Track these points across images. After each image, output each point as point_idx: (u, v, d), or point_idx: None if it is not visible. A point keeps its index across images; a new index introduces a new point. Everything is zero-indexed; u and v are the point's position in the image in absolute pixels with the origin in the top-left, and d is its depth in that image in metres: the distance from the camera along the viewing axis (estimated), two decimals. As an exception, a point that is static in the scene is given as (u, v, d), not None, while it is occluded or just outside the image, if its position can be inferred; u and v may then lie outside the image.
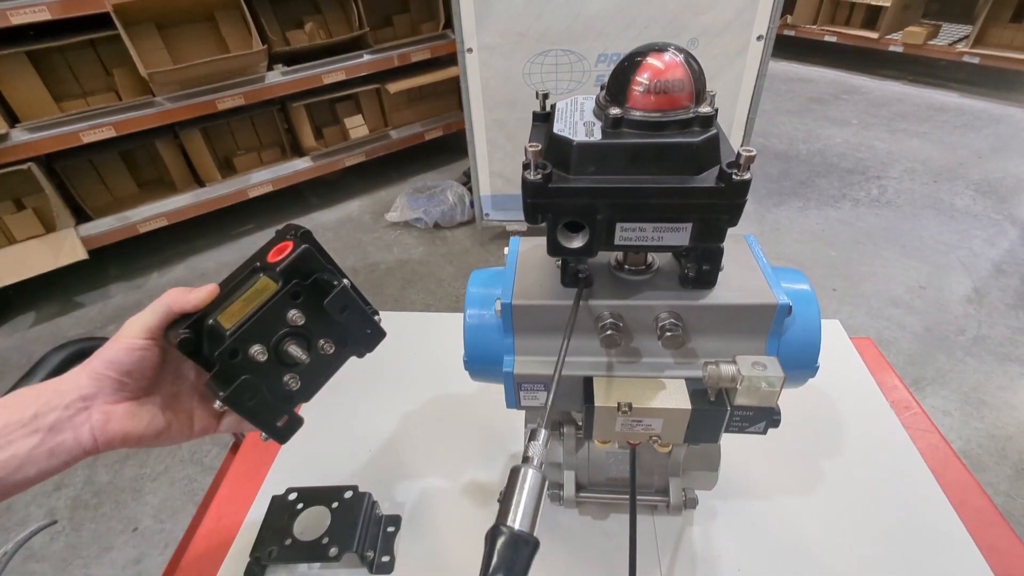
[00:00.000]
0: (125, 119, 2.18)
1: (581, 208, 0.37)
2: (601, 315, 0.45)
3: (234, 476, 0.74)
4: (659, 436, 0.46)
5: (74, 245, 2.23)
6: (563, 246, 0.40)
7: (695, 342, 0.46)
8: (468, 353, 0.50)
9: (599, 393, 0.45)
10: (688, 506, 0.60)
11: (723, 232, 0.38)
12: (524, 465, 0.37)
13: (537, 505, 0.35)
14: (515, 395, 0.49)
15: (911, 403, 0.81)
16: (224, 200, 2.55)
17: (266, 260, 0.46)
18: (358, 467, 0.73)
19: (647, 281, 0.47)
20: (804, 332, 0.46)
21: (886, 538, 0.64)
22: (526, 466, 0.36)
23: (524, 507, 0.35)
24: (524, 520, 0.34)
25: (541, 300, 0.46)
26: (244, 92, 2.37)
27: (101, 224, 2.35)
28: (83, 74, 2.21)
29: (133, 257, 2.55)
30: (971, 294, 2.10)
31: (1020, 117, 3.35)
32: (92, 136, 2.14)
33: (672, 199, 0.36)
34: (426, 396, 0.83)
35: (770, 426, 0.44)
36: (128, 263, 2.54)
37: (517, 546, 0.34)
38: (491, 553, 0.34)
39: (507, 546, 0.34)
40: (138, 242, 2.43)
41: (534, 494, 0.35)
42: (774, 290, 0.44)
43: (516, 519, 0.34)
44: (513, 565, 0.33)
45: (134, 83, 2.22)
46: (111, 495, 1.67)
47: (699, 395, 0.44)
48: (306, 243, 0.47)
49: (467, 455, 0.75)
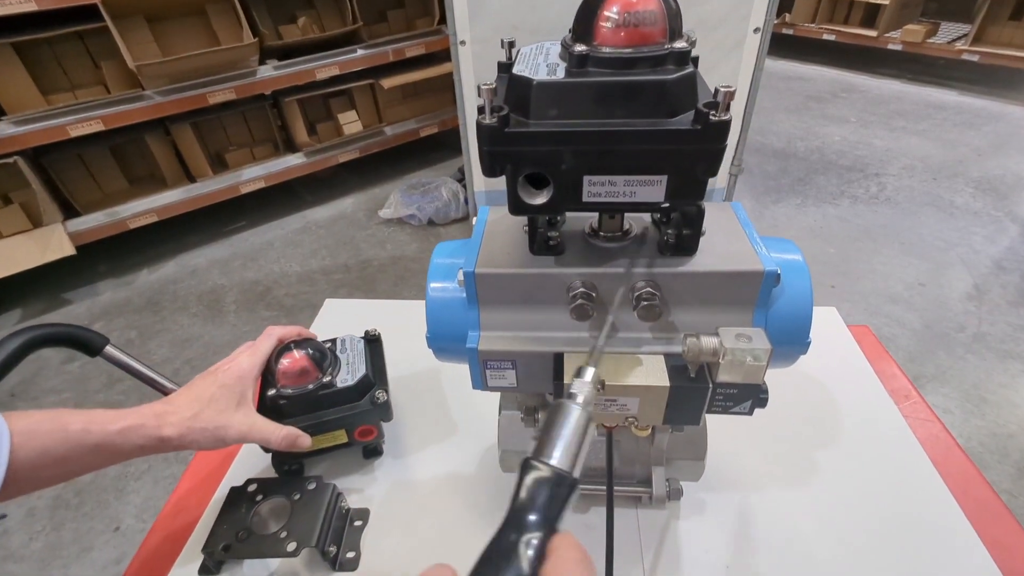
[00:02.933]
0: (114, 113, 2.14)
1: (542, 157, 0.33)
2: (572, 284, 0.41)
3: (197, 467, 0.70)
4: (636, 418, 0.42)
5: (61, 241, 2.20)
6: (525, 203, 0.36)
7: (675, 315, 0.42)
8: (431, 330, 0.46)
9: (570, 369, 0.41)
10: (672, 497, 0.56)
11: (702, 186, 0.35)
12: (568, 400, 0.33)
13: (580, 444, 0.32)
14: (481, 374, 0.45)
15: (911, 392, 0.78)
16: (215, 196, 2.52)
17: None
18: (326, 457, 0.69)
19: (623, 248, 0.43)
20: (794, 304, 0.42)
21: (885, 532, 0.59)
22: (570, 402, 0.33)
23: (566, 443, 0.31)
24: (564, 458, 0.30)
25: (508, 268, 0.42)
26: (235, 86, 2.34)
27: (90, 220, 2.31)
28: (71, 67, 2.18)
29: (123, 253, 2.52)
30: (971, 291, 2.07)
31: (1019, 115, 3.33)
32: (80, 130, 2.10)
33: (644, 144, 0.32)
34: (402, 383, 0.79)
35: (756, 405, 0.41)
36: (118, 259, 2.51)
37: (553, 484, 0.30)
38: (520, 486, 0.30)
39: (541, 483, 0.30)
40: (128, 238, 2.40)
41: (578, 432, 0.32)
42: (760, 257, 0.40)
43: (554, 455, 0.30)
44: (548, 504, 0.29)
45: (123, 76, 2.19)
46: (93, 494, 1.63)
47: (679, 372, 0.40)
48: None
49: (446, 446, 0.71)
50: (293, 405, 0.59)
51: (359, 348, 0.65)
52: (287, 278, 2.35)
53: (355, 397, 0.61)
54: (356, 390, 0.61)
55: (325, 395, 0.60)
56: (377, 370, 0.65)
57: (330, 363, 0.62)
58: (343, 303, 0.94)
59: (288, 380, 0.59)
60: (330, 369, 0.61)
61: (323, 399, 0.60)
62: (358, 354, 0.64)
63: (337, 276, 2.34)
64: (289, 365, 0.59)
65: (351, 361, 0.63)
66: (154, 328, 2.17)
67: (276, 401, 0.59)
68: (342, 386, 0.60)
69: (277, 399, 0.59)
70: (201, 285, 2.36)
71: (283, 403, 0.59)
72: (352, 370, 0.62)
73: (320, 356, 0.61)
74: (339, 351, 0.65)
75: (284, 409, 0.59)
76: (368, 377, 0.62)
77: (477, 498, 0.64)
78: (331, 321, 0.90)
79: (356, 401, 0.61)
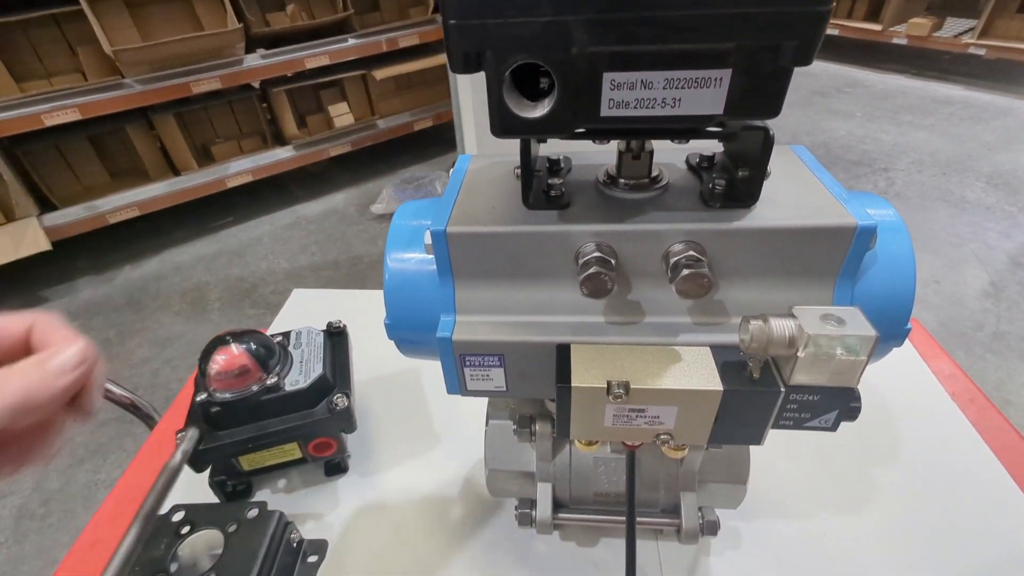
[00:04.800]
0: (91, 101, 2.04)
1: (541, 36, 0.22)
2: (583, 248, 0.29)
3: (125, 487, 0.58)
4: (671, 435, 0.30)
5: (36, 235, 2.10)
6: (515, 116, 0.24)
7: (725, 289, 0.30)
8: (390, 314, 0.34)
9: (579, 367, 0.29)
10: (707, 531, 0.44)
11: (781, 87, 0.23)
12: None
13: None
14: (458, 374, 0.33)
15: (975, 394, 0.66)
16: (201, 190, 2.42)
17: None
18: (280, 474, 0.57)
19: (652, 200, 0.31)
20: (891, 274, 0.30)
21: (967, 572, 0.48)
22: None
23: None
24: None
25: (492, 226, 0.30)
26: (221, 75, 2.23)
27: (68, 214, 2.21)
28: (46, 53, 2.08)
29: (104, 249, 2.43)
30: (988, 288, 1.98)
31: None
32: (55, 119, 2.00)
33: (704, 6, 0.21)
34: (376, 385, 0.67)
35: (844, 418, 0.29)
36: (99, 255, 2.41)
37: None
38: None
39: None
40: (110, 233, 2.32)
41: None
42: (848, 207, 0.28)
43: None
44: None
45: (101, 64, 2.08)
46: (61, 503, 1.53)
47: (734, 370, 0.28)
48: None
49: (426, 462, 0.59)
50: (229, 413, 0.47)
51: (318, 343, 0.53)
52: (274, 275, 2.25)
53: (308, 403, 0.49)
54: (310, 394, 0.49)
55: (270, 400, 0.48)
56: (339, 370, 0.53)
57: (279, 361, 0.50)
58: (314, 294, 0.82)
59: (223, 382, 0.47)
60: (278, 368, 0.49)
61: (267, 405, 0.48)
62: (315, 350, 0.52)
63: (327, 273, 2.23)
64: (225, 363, 0.47)
65: (306, 359, 0.51)
66: (134, 327, 2.07)
67: (207, 408, 0.47)
68: (291, 389, 0.48)
69: (208, 405, 0.47)
70: (185, 282, 2.26)
71: (216, 411, 0.47)
72: (306, 370, 0.50)
73: (265, 352, 0.49)
74: (292, 346, 0.53)
75: (217, 418, 0.47)
76: (325, 378, 0.50)
77: (461, 527, 0.52)
78: (300, 314, 0.79)
79: (310, 408, 0.49)
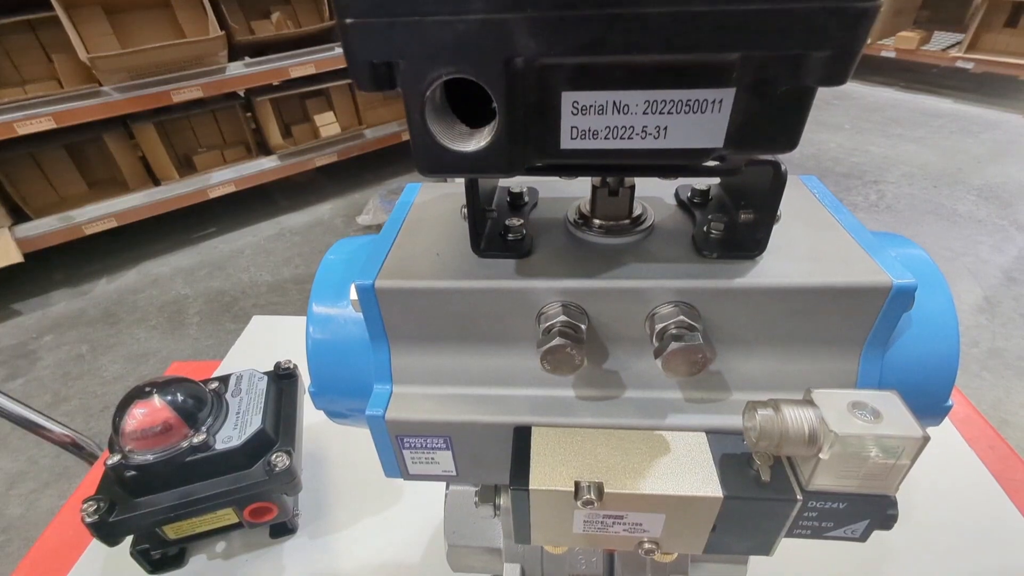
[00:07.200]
0: (67, 109, 1.97)
1: (473, 42, 0.15)
2: (545, 308, 0.23)
3: (37, 558, 0.50)
4: (657, 544, 0.24)
5: (7, 247, 2.02)
6: (446, 149, 0.17)
7: (725, 359, 0.24)
8: (314, 379, 0.28)
9: (540, 460, 0.23)
10: (703, 621, 0.37)
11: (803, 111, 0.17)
12: None
13: None
14: (396, 456, 0.27)
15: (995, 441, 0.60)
16: (181, 200, 2.35)
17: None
18: (217, 537, 0.50)
19: (633, 246, 0.25)
20: (930, 339, 0.24)
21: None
22: None
23: None
24: None
25: (432, 280, 0.24)
26: (202, 84, 2.17)
27: (41, 224, 2.14)
28: (21, 60, 2.02)
29: (80, 261, 2.36)
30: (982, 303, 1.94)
31: (1017, 122, 3.28)
32: (29, 127, 1.93)
33: (697, 5, 0.14)
34: (333, 431, 0.60)
35: (876, 527, 0.22)
36: (74, 268, 2.34)
37: None
38: None
39: None
40: (86, 245, 2.23)
41: None
42: (879, 260, 0.22)
43: None
44: None
45: (78, 71, 2.02)
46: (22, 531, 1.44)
47: (737, 466, 0.22)
48: None
49: (386, 521, 0.52)
50: (148, 478, 0.40)
51: (260, 389, 0.47)
52: (256, 288, 2.18)
53: (243, 462, 0.42)
54: (244, 452, 0.42)
55: (197, 461, 0.41)
56: (283, 421, 0.46)
57: (210, 412, 0.43)
58: (275, 321, 0.75)
59: (141, 441, 0.40)
60: (209, 422, 0.43)
61: (194, 467, 0.41)
62: (256, 398, 0.46)
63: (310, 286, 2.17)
64: (144, 419, 0.40)
65: (243, 409, 0.45)
66: (108, 342, 2.00)
67: (120, 473, 0.40)
68: (223, 448, 0.42)
69: (122, 469, 0.40)
70: (163, 295, 2.19)
71: (131, 475, 0.40)
72: (242, 423, 0.43)
73: (194, 405, 0.42)
74: (231, 393, 0.46)
75: (133, 484, 0.40)
76: (264, 433, 0.43)
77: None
78: (260, 345, 0.72)
79: (245, 468, 0.42)
